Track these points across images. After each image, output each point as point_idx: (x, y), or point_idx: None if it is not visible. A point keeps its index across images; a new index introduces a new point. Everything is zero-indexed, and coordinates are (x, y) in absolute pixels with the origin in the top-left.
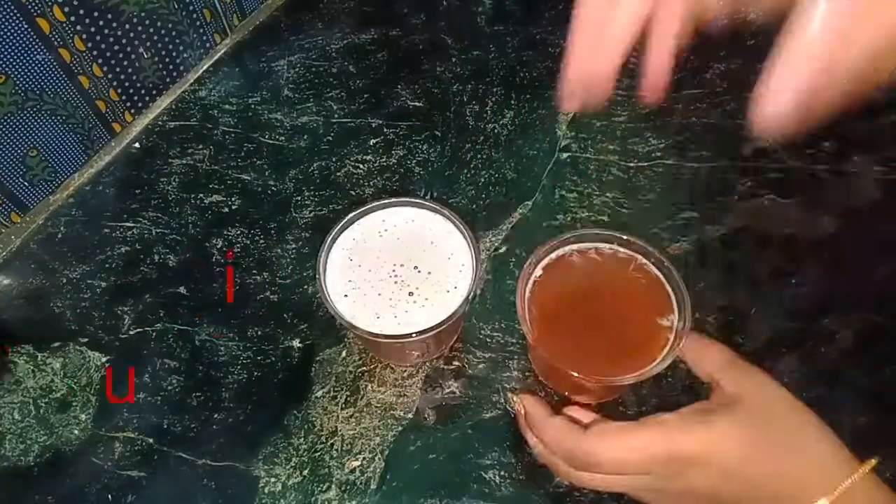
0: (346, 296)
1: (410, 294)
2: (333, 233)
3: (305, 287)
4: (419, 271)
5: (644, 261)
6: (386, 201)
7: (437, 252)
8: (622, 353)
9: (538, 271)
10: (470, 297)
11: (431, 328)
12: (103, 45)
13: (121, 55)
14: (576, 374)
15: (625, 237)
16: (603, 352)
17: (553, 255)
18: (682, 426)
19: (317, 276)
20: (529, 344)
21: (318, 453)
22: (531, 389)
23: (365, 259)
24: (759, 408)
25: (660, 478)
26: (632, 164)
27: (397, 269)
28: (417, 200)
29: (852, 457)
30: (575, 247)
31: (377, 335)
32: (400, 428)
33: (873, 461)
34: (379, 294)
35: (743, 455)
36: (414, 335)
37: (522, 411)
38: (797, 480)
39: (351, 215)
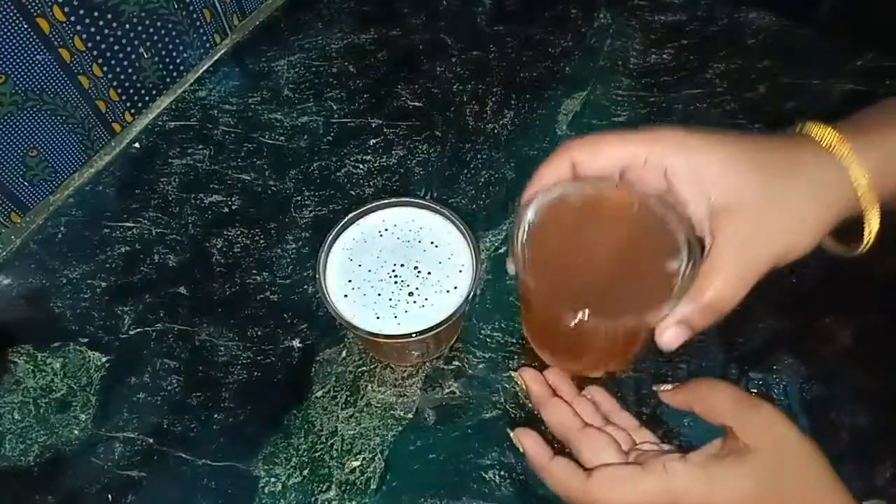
0: (346, 296)
1: (410, 294)
2: (333, 233)
3: (305, 287)
4: (419, 271)
5: (646, 202)
6: (386, 201)
7: (437, 252)
8: (628, 297)
9: (532, 214)
10: (470, 297)
11: (431, 328)
12: (103, 45)
13: (121, 55)
14: (579, 315)
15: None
16: (608, 295)
17: (549, 198)
18: (688, 476)
19: (317, 277)
20: (523, 297)
21: (318, 453)
22: (530, 427)
23: (365, 259)
24: (769, 460)
25: None
26: None
27: (397, 269)
28: (417, 200)
29: None
30: (572, 188)
31: (377, 335)
32: (400, 428)
33: None
34: (379, 294)
35: None
36: (414, 335)
37: (523, 448)
38: None
39: (351, 215)
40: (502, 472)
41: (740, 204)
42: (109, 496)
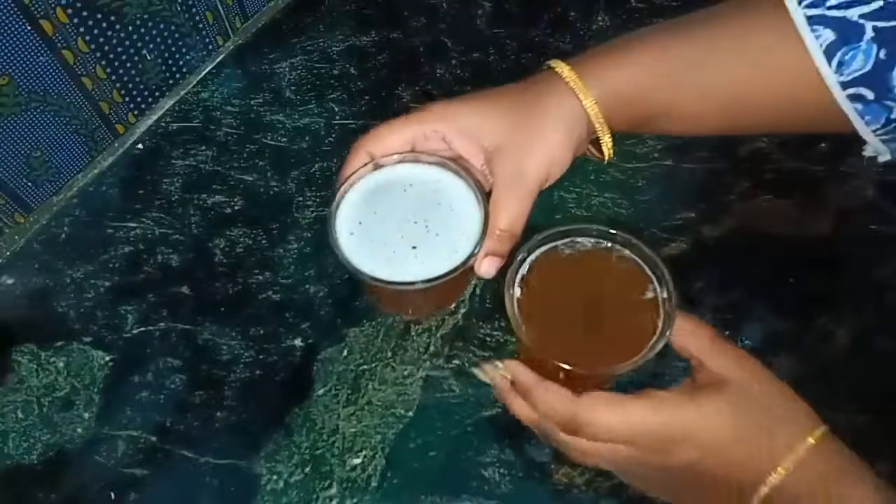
0: (351, 234)
1: (414, 248)
2: (359, 173)
3: (307, 287)
4: (428, 229)
5: (619, 248)
6: (415, 156)
7: (450, 216)
8: (615, 342)
9: (519, 278)
10: (471, 261)
11: (423, 281)
12: (106, 47)
13: (124, 57)
14: (569, 367)
15: (595, 229)
16: (596, 344)
17: (533, 256)
18: (675, 403)
19: (330, 209)
20: (523, 346)
21: (320, 451)
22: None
23: (380, 206)
24: (743, 388)
25: (644, 450)
26: (630, 165)
27: (409, 223)
28: (450, 164)
29: (819, 426)
30: (552, 244)
31: (365, 274)
32: (401, 426)
33: (819, 431)
34: (384, 243)
35: (728, 434)
36: (415, 284)
37: (506, 380)
38: (770, 456)
39: (380, 159)
40: (502, 470)
41: (503, 145)
42: (112, 494)
